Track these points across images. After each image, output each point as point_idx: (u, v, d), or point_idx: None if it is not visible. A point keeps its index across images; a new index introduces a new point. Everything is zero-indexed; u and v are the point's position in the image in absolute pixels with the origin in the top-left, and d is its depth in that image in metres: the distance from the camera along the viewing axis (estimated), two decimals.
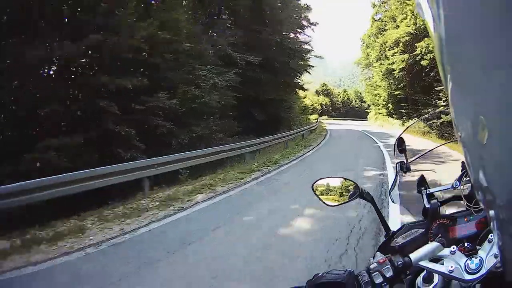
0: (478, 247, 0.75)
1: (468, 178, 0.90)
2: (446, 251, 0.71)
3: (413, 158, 1.10)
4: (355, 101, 74.12)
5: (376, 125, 33.72)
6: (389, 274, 0.69)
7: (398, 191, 1.69)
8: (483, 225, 0.86)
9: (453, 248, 0.71)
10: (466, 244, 0.82)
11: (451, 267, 0.67)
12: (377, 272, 0.70)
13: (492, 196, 0.31)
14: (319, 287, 0.68)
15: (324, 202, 1.07)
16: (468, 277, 0.66)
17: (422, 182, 1.02)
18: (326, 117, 55.27)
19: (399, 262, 0.70)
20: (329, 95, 68.94)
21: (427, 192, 0.99)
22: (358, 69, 37.44)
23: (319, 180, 1.10)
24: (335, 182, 1.11)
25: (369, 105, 42.52)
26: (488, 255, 0.66)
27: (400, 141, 1.10)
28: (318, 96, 66.28)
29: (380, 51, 29.52)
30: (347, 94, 74.38)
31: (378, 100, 33.23)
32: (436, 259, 0.72)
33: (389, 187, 1.34)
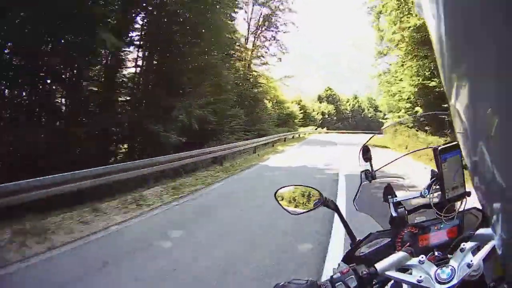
0: (449, 255, 0.75)
1: (437, 187, 0.90)
2: (414, 261, 0.72)
3: (379, 167, 1.09)
4: (368, 109, 59.98)
5: (395, 144, 21.68)
6: (353, 284, 0.69)
7: (364, 200, 1.27)
8: (454, 233, 0.91)
9: (422, 257, 0.72)
10: (436, 253, 0.80)
11: (420, 276, 0.69)
12: (340, 283, 0.70)
13: (496, 196, 0.31)
14: None
15: (287, 210, 1.08)
16: (438, 286, 0.67)
17: (388, 190, 1.02)
18: (325, 130, 41.45)
19: (364, 272, 0.70)
20: (335, 102, 54.98)
21: (394, 201, 0.99)
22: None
23: (282, 188, 1.11)
24: (299, 190, 1.12)
25: (385, 114, 30.90)
26: (460, 264, 0.68)
27: (365, 150, 1.08)
28: (321, 103, 52.39)
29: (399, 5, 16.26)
30: (358, 101, 60.37)
31: (398, 101, 19.62)
32: (404, 269, 0.72)
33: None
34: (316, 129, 40.23)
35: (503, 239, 0.34)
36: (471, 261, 0.68)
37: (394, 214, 0.97)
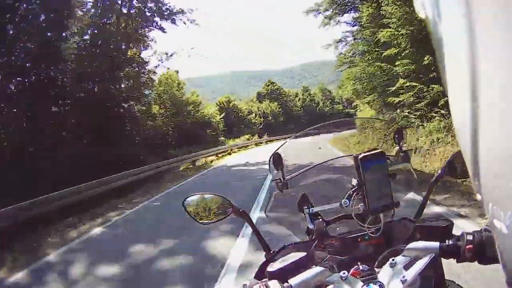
0: (377, 269, 0.72)
1: (359, 197, 0.85)
2: (334, 277, 0.68)
3: (292, 175, 1.07)
4: (324, 102, 48.74)
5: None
6: None
7: (277, 209, 1.23)
8: (381, 246, 0.86)
9: (344, 273, 0.68)
10: (361, 267, 0.73)
11: None
12: None
13: (498, 198, 0.31)
14: None
15: (195, 219, 1.03)
16: None
17: (304, 200, 0.99)
18: (265, 137, 28.78)
19: None
20: (280, 98, 42.81)
21: (311, 211, 0.97)
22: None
23: (190, 196, 1.05)
24: (207, 199, 1.06)
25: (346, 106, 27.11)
26: (392, 280, 0.65)
27: (276, 157, 1.05)
28: (261, 102, 39.90)
29: None
30: (309, 94, 48.67)
31: (365, 83, 12.42)
32: (325, 285, 0.68)
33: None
34: (249, 139, 27.44)
35: (506, 243, 0.32)
36: (404, 276, 0.65)
37: (310, 225, 0.95)
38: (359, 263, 0.75)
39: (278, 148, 1.07)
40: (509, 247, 0.31)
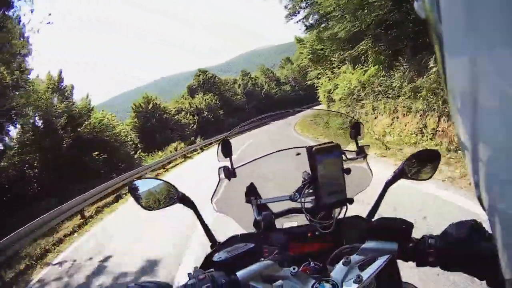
0: (329, 267, 0.70)
1: (310, 191, 0.84)
2: (285, 272, 0.65)
3: (241, 164, 1.03)
4: (269, 85, 42.85)
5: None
6: None
7: (224, 199, 1.20)
8: (332, 243, 0.83)
9: (294, 268, 0.65)
10: (312, 264, 0.71)
11: None
12: None
13: (499, 199, 0.31)
14: None
15: (140, 204, 1.01)
16: None
17: (251, 191, 0.98)
18: (199, 141, 22.45)
19: (223, 281, 0.62)
20: (215, 88, 35.87)
21: (258, 202, 0.96)
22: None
23: (138, 180, 1.04)
24: (155, 185, 1.03)
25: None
26: (345, 279, 0.64)
27: (225, 143, 1.01)
28: (193, 98, 32.73)
29: None
30: (250, 77, 42.23)
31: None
32: (272, 280, 0.65)
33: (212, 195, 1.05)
34: (177, 148, 20.46)
35: (506, 245, 0.33)
36: (359, 276, 0.63)
37: (257, 217, 0.93)
38: (309, 259, 0.73)
39: (229, 133, 1.14)
40: (508, 244, 0.31)
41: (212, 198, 1.02)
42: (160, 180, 1.03)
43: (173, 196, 0.99)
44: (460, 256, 0.62)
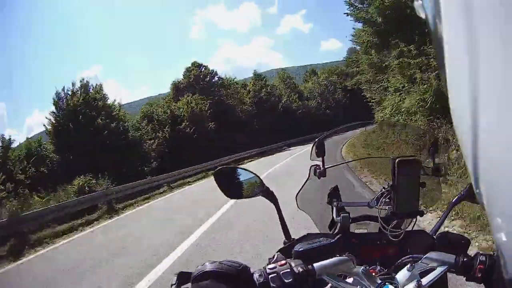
0: (393, 273, 0.74)
1: (387, 200, 0.89)
2: (357, 269, 0.69)
3: (332, 165, 1.07)
4: (289, 96, 31.80)
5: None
6: (288, 279, 0.65)
7: (307, 197, 1.23)
8: (397, 252, 0.88)
9: (366, 267, 0.69)
10: (378, 268, 0.78)
11: (362, 287, 0.67)
12: (275, 274, 0.65)
13: (502, 207, 0.31)
14: (205, 276, 0.63)
15: (223, 192, 1.03)
16: None
17: (334, 193, 1.02)
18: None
19: (301, 269, 0.66)
20: (213, 90, 24.60)
21: (339, 205, 0.99)
22: None
23: (224, 167, 1.08)
24: (241, 174, 1.06)
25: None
26: (406, 285, 0.67)
27: (319, 144, 1.05)
28: (176, 102, 21.45)
29: None
30: (265, 83, 30.95)
31: None
32: (344, 275, 0.70)
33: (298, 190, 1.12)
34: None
35: (506, 245, 0.33)
36: (418, 282, 0.68)
37: (336, 219, 0.97)
38: (377, 263, 0.79)
39: (324, 136, 1.15)
40: (508, 243, 0.31)
41: (297, 195, 1.08)
42: (247, 170, 1.04)
43: (258, 188, 1.01)
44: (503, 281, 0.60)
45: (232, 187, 1.05)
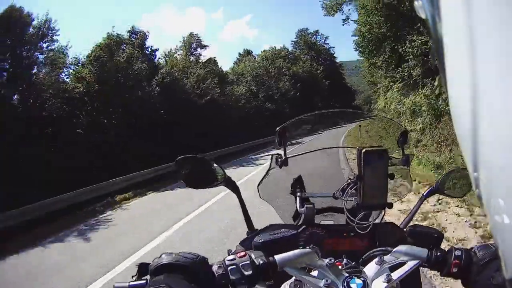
0: (361, 267, 0.73)
1: (353, 191, 0.87)
2: (322, 262, 0.68)
3: (294, 154, 1.05)
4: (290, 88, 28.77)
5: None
6: (248, 271, 0.64)
7: (269, 187, 1.26)
8: (365, 244, 0.86)
9: (330, 259, 0.68)
10: (345, 260, 0.76)
11: (327, 281, 0.65)
12: (234, 266, 0.64)
13: (501, 207, 0.31)
14: (161, 268, 0.61)
15: (184, 181, 0.98)
16: None
17: (298, 183, 1.00)
18: None
19: (261, 261, 0.65)
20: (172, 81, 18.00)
21: (303, 196, 0.98)
22: None
23: (187, 156, 0.98)
24: (203, 164, 1.00)
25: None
26: (376, 278, 0.66)
27: (282, 132, 1.02)
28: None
29: None
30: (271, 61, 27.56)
31: None
32: (308, 268, 0.69)
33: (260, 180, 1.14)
34: None
35: (509, 239, 0.32)
36: (388, 276, 0.65)
37: (300, 209, 0.95)
38: (343, 256, 0.76)
39: (289, 122, 1.05)
40: (508, 243, 0.31)
41: (259, 184, 1.05)
42: (207, 159, 1.00)
43: (218, 178, 0.98)
44: (479, 277, 0.64)
45: (193, 176, 0.98)
